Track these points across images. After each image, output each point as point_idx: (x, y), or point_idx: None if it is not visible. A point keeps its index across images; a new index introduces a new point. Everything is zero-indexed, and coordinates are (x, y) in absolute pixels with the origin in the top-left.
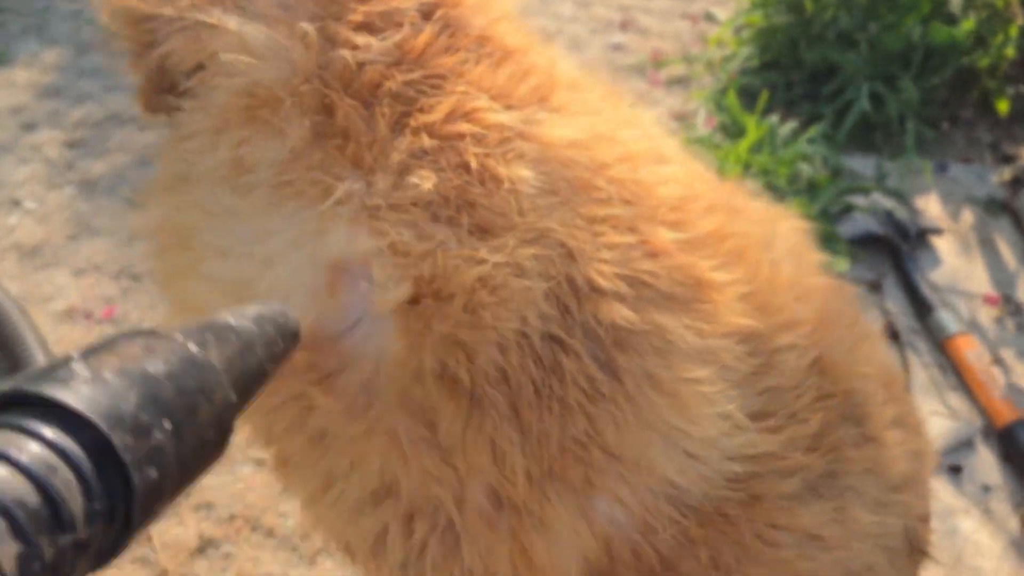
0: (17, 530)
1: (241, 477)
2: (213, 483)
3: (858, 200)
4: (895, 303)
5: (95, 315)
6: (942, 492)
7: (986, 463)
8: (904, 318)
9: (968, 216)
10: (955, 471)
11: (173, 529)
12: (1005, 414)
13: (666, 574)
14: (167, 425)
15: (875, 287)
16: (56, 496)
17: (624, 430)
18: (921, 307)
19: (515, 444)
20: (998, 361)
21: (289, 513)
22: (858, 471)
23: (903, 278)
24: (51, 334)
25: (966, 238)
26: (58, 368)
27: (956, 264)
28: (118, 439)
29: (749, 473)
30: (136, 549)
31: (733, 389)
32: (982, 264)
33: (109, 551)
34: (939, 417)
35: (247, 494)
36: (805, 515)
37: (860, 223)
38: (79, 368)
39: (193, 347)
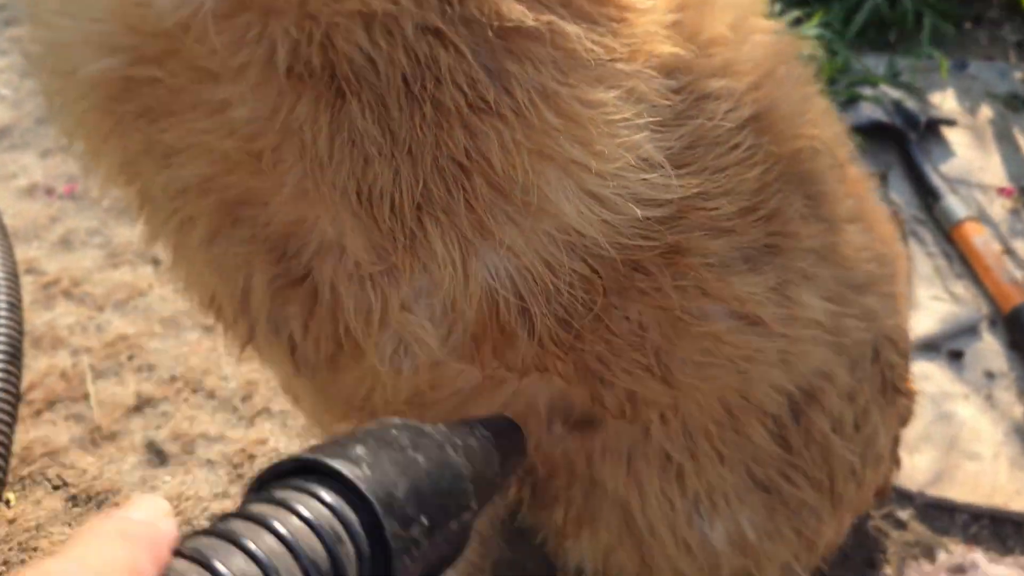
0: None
1: (186, 341)
2: (156, 346)
3: (866, 91)
4: (900, 194)
5: (56, 191)
6: (939, 377)
7: (991, 350)
8: (909, 209)
9: (986, 111)
10: (956, 356)
11: (111, 388)
12: (1013, 297)
13: (573, 352)
14: (424, 521)
15: (881, 179)
16: (340, 565)
17: (512, 155)
18: (928, 196)
19: (384, 154)
20: (1009, 252)
21: (231, 376)
22: (806, 251)
23: (910, 168)
24: (10, 208)
25: (982, 131)
26: (345, 446)
27: (970, 156)
28: (388, 524)
29: (668, 219)
30: (72, 406)
31: (646, 126)
32: (998, 157)
33: None
34: (940, 302)
35: (190, 357)
36: (738, 285)
37: (866, 112)
38: (360, 450)
39: (449, 450)
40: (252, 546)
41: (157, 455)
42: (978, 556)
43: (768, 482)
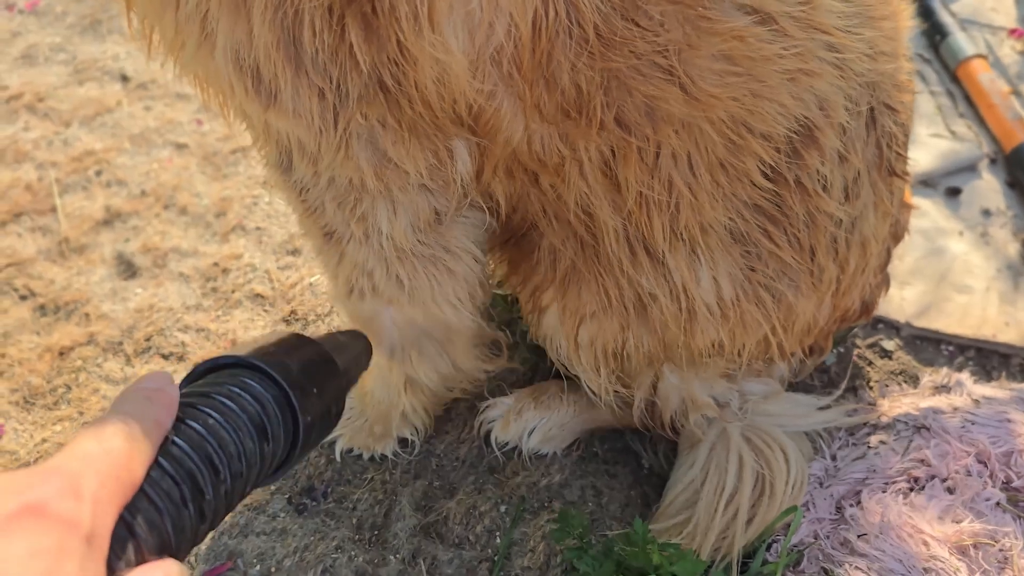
0: (262, 434)
1: (157, 158)
2: (125, 162)
3: None
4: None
5: (17, 6)
6: (935, 214)
7: (989, 188)
8: (915, 48)
9: None
10: (953, 193)
11: (79, 202)
12: (1016, 136)
13: (604, 49)
14: (315, 390)
15: None
16: (267, 420)
17: None
18: (936, 32)
19: None
20: (1017, 94)
21: (204, 194)
22: None
23: (920, 4)
24: None
25: None
26: (256, 347)
27: None
28: (294, 396)
29: None
30: (38, 219)
31: None
32: None
33: (281, 466)
34: (941, 139)
35: (161, 173)
36: None
37: None
38: (269, 347)
39: (327, 349)
40: (203, 415)
41: (127, 267)
42: (963, 376)
43: (750, 235)
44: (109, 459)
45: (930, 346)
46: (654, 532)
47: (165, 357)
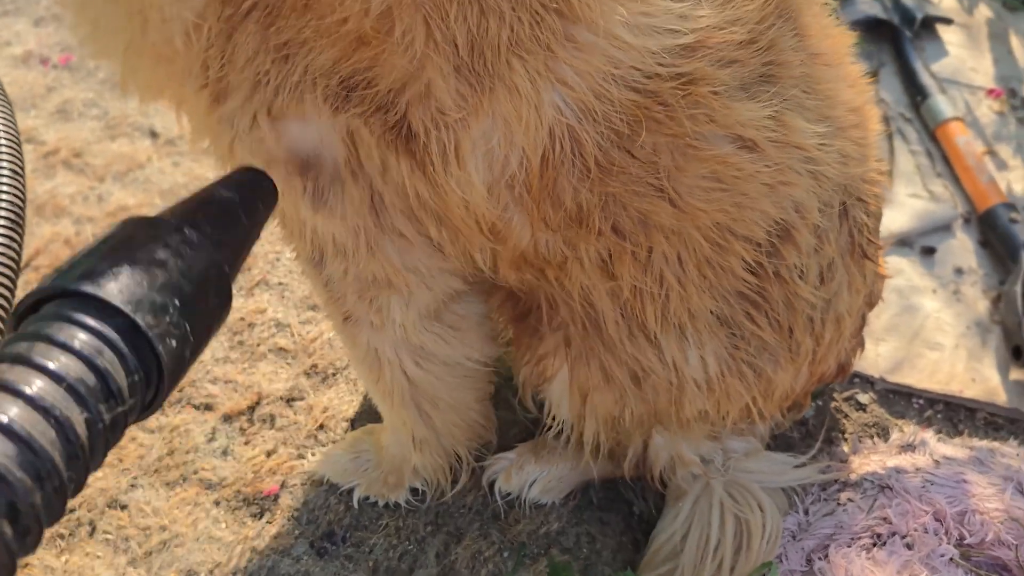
0: (82, 402)
1: None
2: None
3: None
4: (890, 92)
5: (52, 60)
6: (910, 272)
7: (962, 247)
8: (897, 107)
9: (984, 10)
10: (928, 252)
11: None
12: (989, 197)
13: (602, 176)
14: (177, 302)
15: (872, 76)
16: (105, 373)
17: None
18: (917, 93)
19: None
20: (992, 153)
21: None
22: (797, 79)
23: (902, 65)
24: (5, 76)
25: (977, 31)
26: (85, 263)
27: (962, 56)
28: (142, 320)
29: (686, 49)
30: None
31: None
32: (990, 57)
33: (149, 407)
34: (918, 200)
35: None
36: (740, 111)
37: (863, 7)
38: (102, 264)
39: (188, 230)
40: (26, 390)
41: None
42: (928, 435)
43: (734, 319)
44: None
45: (902, 399)
46: None
47: (196, 407)
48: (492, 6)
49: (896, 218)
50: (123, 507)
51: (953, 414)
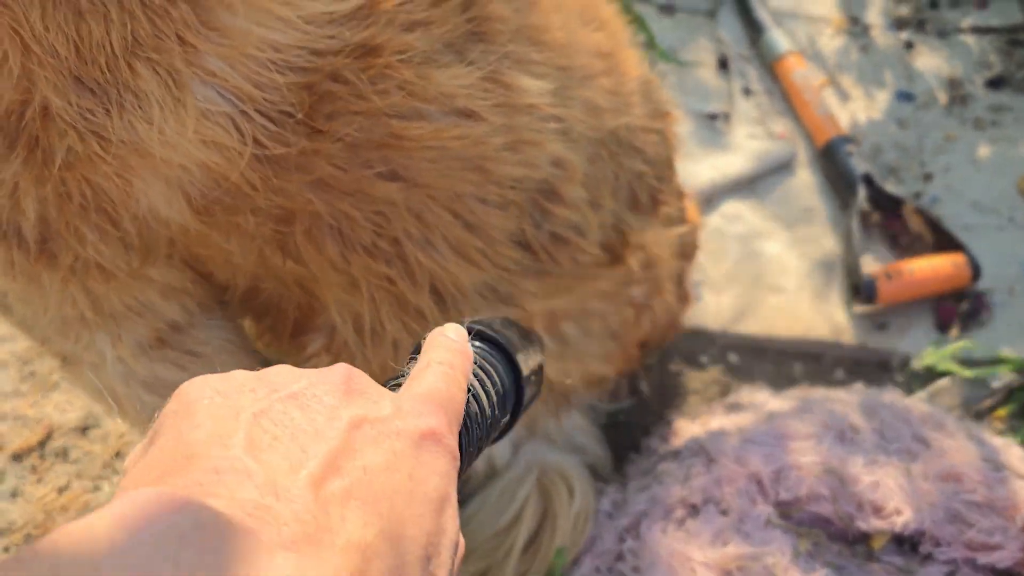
0: (495, 406)
1: None
2: None
3: None
4: (728, 31)
5: None
6: (750, 217)
7: (804, 185)
8: (737, 48)
9: None
10: (767, 193)
11: None
12: (827, 131)
13: (303, 163)
14: (532, 365)
15: (710, 15)
16: (499, 391)
17: None
18: (753, 30)
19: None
20: (834, 84)
21: None
22: (511, 32)
23: (739, 2)
24: None
25: None
26: (486, 322)
27: None
28: (519, 359)
29: (354, 15)
30: None
31: None
32: None
33: (505, 430)
34: (757, 140)
35: None
36: (443, 79)
37: None
38: (503, 329)
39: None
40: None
41: None
42: (762, 395)
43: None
44: (454, 406)
45: (745, 353)
46: None
47: None
48: (88, 8)
49: (733, 162)
50: None
51: (792, 363)
